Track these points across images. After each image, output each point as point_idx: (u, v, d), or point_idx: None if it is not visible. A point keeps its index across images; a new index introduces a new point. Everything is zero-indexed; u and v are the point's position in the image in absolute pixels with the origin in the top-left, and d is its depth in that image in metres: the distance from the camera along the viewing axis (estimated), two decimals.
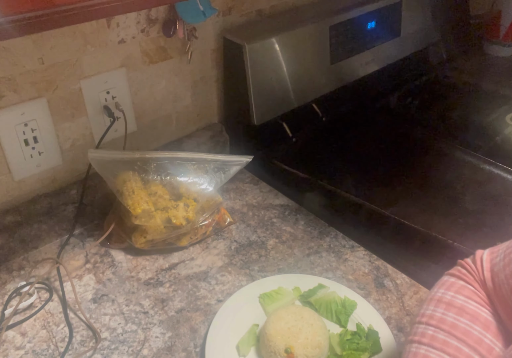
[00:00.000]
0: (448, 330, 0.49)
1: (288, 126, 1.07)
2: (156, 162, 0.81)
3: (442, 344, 0.49)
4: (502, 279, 0.49)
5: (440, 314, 0.51)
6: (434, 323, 0.50)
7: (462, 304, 0.51)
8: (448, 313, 0.50)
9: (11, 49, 0.71)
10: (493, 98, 1.26)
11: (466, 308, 0.50)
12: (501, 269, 0.50)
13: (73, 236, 0.87)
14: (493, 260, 0.52)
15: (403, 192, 0.94)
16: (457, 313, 0.50)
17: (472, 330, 0.49)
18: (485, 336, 0.49)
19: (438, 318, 0.50)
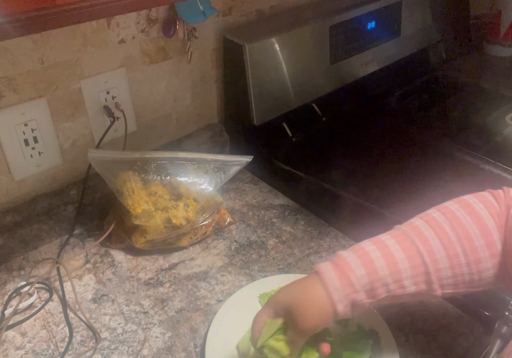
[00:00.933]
0: (450, 219, 0.53)
1: (288, 126, 1.07)
2: (156, 162, 0.81)
3: (436, 225, 0.53)
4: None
5: (454, 208, 0.55)
6: (443, 211, 0.55)
7: (478, 210, 0.54)
8: (460, 210, 0.54)
9: (11, 49, 0.71)
10: (493, 98, 1.26)
11: (478, 213, 0.53)
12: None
13: (73, 236, 0.87)
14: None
15: (403, 192, 0.94)
16: (467, 213, 0.54)
17: (470, 229, 0.52)
18: (478, 239, 0.52)
19: (449, 210, 0.55)
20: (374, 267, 0.52)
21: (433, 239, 0.52)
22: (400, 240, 0.54)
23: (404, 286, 0.52)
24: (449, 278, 0.52)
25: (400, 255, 0.52)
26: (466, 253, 0.52)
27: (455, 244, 0.52)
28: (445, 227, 0.53)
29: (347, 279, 0.51)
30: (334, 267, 0.53)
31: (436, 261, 0.52)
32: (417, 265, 0.52)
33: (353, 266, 0.52)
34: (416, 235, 0.53)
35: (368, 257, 0.53)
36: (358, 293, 0.52)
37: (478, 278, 0.53)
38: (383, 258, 0.52)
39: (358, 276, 0.51)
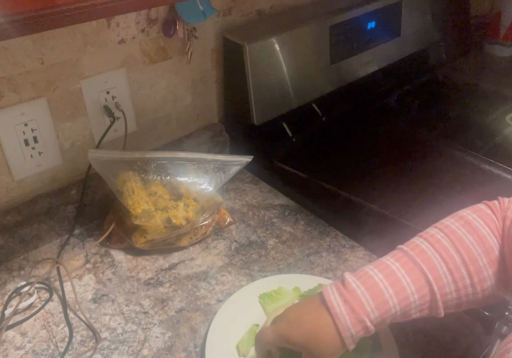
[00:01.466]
0: (453, 240, 0.53)
1: (288, 126, 1.07)
2: (156, 162, 0.81)
3: (441, 248, 0.53)
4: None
5: (455, 227, 0.55)
6: (446, 231, 0.55)
7: (478, 227, 0.54)
8: (462, 228, 0.54)
9: (11, 49, 0.71)
10: (493, 98, 1.26)
11: (479, 231, 0.54)
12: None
13: (73, 236, 0.87)
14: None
15: (403, 192, 0.94)
16: (469, 232, 0.54)
17: (473, 249, 0.53)
18: (481, 259, 0.52)
19: (451, 229, 0.55)
20: (384, 299, 0.52)
21: (440, 264, 0.53)
22: (409, 269, 0.53)
23: (410, 314, 0.54)
24: (454, 300, 0.53)
25: (409, 285, 0.52)
26: (471, 274, 0.52)
27: (460, 266, 0.52)
28: (450, 249, 0.53)
29: (358, 317, 0.51)
30: (344, 303, 0.52)
31: (442, 287, 0.53)
32: (425, 293, 0.53)
33: (363, 300, 0.52)
34: (423, 261, 0.53)
35: (378, 288, 0.52)
36: (368, 329, 0.52)
37: (481, 296, 0.53)
38: (391, 287, 0.52)
39: (368, 311, 0.52)
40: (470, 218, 0.55)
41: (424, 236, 0.56)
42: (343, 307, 0.52)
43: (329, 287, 0.55)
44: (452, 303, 0.54)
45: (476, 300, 0.54)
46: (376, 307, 0.51)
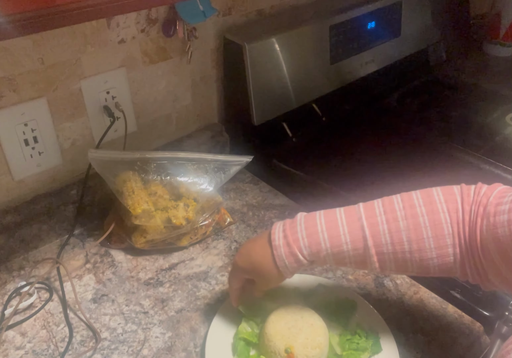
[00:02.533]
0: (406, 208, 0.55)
1: (288, 126, 1.07)
2: (156, 162, 0.81)
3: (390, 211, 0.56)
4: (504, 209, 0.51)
5: (415, 197, 0.57)
6: (405, 198, 0.57)
7: (436, 203, 0.55)
8: (420, 201, 0.56)
9: (11, 49, 0.71)
10: (493, 98, 1.26)
11: (435, 207, 0.55)
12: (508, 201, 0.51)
13: (73, 236, 0.87)
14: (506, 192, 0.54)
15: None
16: (425, 204, 0.55)
17: (421, 220, 0.54)
18: (427, 231, 0.54)
19: (409, 197, 0.57)
20: (317, 240, 0.58)
21: (382, 224, 0.56)
22: (350, 221, 0.57)
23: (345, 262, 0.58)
24: (391, 261, 0.56)
25: (344, 234, 0.57)
26: (411, 241, 0.54)
27: (402, 231, 0.55)
28: (398, 215, 0.55)
29: (291, 250, 0.58)
30: (283, 237, 0.59)
31: (379, 245, 0.55)
32: (358, 247, 0.56)
33: (299, 237, 0.58)
34: (367, 219, 0.57)
35: (315, 229, 0.58)
36: (301, 262, 0.59)
37: (419, 265, 0.55)
38: (327, 232, 0.57)
39: (301, 247, 0.58)
40: (434, 194, 0.56)
41: (384, 199, 0.59)
42: (281, 240, 0.59)
43: (278, 223, 0.62)
44: (390, 264, 0.56)
45: (414, 266, 0.56)
46: (309, 245, 0.57)
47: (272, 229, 0.62)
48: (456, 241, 0.53)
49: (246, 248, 0.64)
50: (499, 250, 0.50)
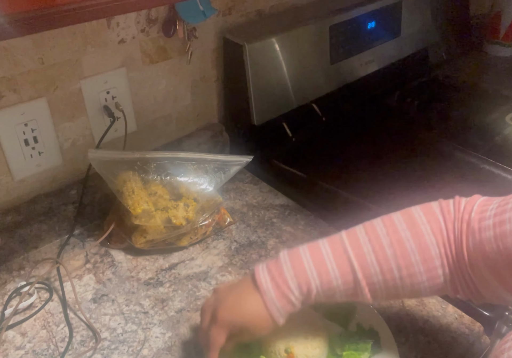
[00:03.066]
0: (390, 234, 0.54)
1: (288, 126, 1.07)
2: (156, 162, 0.81)
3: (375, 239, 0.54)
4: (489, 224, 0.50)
5: (397, 221, 0.55)
6: (387, 223, 0.55)
7: (420, 224, 0.54)
8: (403, 223, 0.55)
9: (11, 49, 0.71)
10: (493, 98, 1.26)
11: (419, 228, 0.54)
12: (491, 216, 0.50)
13: (73, 236, 0.87)
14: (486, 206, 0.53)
15: (403, 192, 0.94)
16: (408, 228, 0.54)
17: (407, 245, 0.53)
18: (415, 255, 0.53)
19: (392, 223, 0.55)
20: (307, 279, 0.55)
21: (369, 254, 0.54)
22: (337, 255, 0.55)
23: (335, 297, 0.56)
24: (383, 289, 0.54)
25: (333, 270, 0.54)
26: (400, 268, 0.53)
27: (390, 259, 0.53)
28: (383, 242, 0.54)
29: (282, 292, 0.55)
30: (271, 279, 0.55)
31: (369, 276, 0.54)
32: (348, 280, 0.54)
33: (288, 277, 0.55)
34: (353, 249, 0.55)
35: (302, 267, 0.55)
36: (293, 303, 0.56)
37: (410, 290, 0.54)
38: (315, 269, 0.55)
39: (292, 288, 0.55)
40: (416, 215, 0.55)
41: (366, 225, 0.57)
42: (269, 283, 0.55)
43: (260, 266, 0.58)
44: (381, 292, 0.55)
45: (405, 292, 0.55)
46: (299, 285, 0.54)
47: (255, 273, 0.57)
48: (445, 262, 0.53)
49: (228, 300, 0.58)
50: (489, 266, 0.50)
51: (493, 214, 0.50)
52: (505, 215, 0.49)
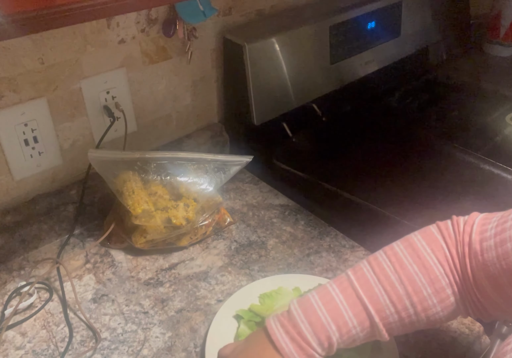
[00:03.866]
0: (398, 270, 0.53)
1: (288, 126, 1.07)
2: (156, 162, 0.81)
3: (385, 279, 0.53)
4: (491, 245, 0.50)
5: (402, 255, 0.54)
6: (393, 259, 0.54)
7: (425, 257, 0.53)
8: (408, 258, 0.54)
9: (11, 49, 0.71)
10: (493, 98, 1.26)
11: (426, 261, 0.53)
12: (491, 236, 0.50)
13: (73, 236, 0.87)
14: (486, 225, 0.52)
15: (403, 192, 0.94)
16: (415, 261, 0.53)
17: (417, 279, 0.52)
18: (426, 289, 0.52)
19: (398, 257, 0.54)
20: (328, 335, 0.52)
21: (383, 296, 0.53)
22: (352, 303, 0.53)
23: (355, 343, 0.55)
24: (398, 327, 0.54)
25: (351, 319, 0.53)
26: (414, 304, 0.52)
27: (404, 297, 0.52)
28: (394, 280, 0.53)
29: (307, 352, 0.52)
30: (291, 341, 0.52)
31: (385, 317, 0.53)
32: (366, 326, 0.53)
33: (309, 337, 0.52)
34: (365, 293, 0.53)
35: (321, 323, 0.53)
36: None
37: (428, 321, 0.54)
38: (334, 323, 0.53)
39: (315, 347, 0.52)
40: (419, 245, 0.54)
41: (372, 263, 0.55)
42: (291, 345, 0.52)
43: (274, 324, 0.54)
44: (398, 329, 0.54)
45: (422, 324, 0.54)
46: (320, 343, 0.52)
47: (271, 333, 0.53)
48: (455, 288, 0.52)
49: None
50: (494, 286, 0.50)
51: (493, 233, 0.50)
52: (505, 234, 0.49)
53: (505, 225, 0.50)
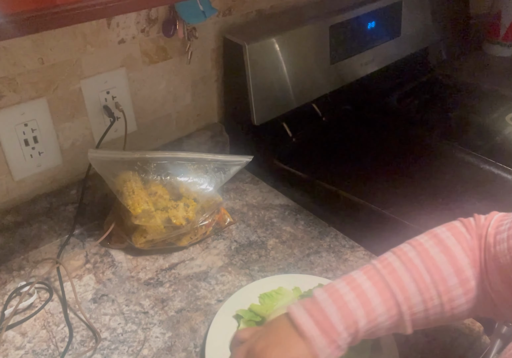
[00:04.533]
0: (425, 259, 0.53)
1: (288, 126, 1.07)
2: (156, 162, 0.81)
3: (412, 267, 0.53)
4: (504, 237, 0.50)
5: (428, 245, 0.54)
6: (419, 249, 0.54)
7: (451, 246, 0.54)
8: (435, 247, 0.54)
9: (11, 49, 0.71)
10: (493, 98, 1.26)
11: (451, 250, 0.53)
12: (505, 229, 0.51)
13: (73, 236, 0.87)
14: (503, 220, 0.53)
15: (403, 192, 0.94)
16: (441, 251, 0.53)
17: (443, 268, 0.52)
18: (452, 279, 0.52)
19: (424, 248, 0.54)
20: (355, 319, 0.51)
21: (410, 284, 0.52)
22: (380, 290, 0.52)
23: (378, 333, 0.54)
24: (423, 318, 0.53)
25: (379, 305, 0.52)
26: (441, 294, 0.52)
27: (430, 286, 0.52)
28: (421, 269, 0.53)
29: (331, 337, 0.51)
30: (316, 323, 0.51)
31: (412, 306, 0.52)
32: (393, 314, 0.52)
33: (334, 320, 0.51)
34: (394, 281, 0.52)
35: (348, 308, 0.51)
36: (341, 348, 0.52)
37: (450, 315, 0.53)
38: (363, 308, 0.51)
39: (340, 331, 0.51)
40: (444, 236, 0.55)
41: (397, 252, 0.55)
42: (315, 328, 0.50)
43: (296, 308, 0.53)
44: (422, 322, 0.53)
45: (444, 318, 0.54)
46: (346, 327, 0.51)
47: (294, 317, 0.51)
48: (478, 282, 0.52)
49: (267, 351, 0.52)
50: (504, 279, 0.50)
51: (508, 227, 0.51)
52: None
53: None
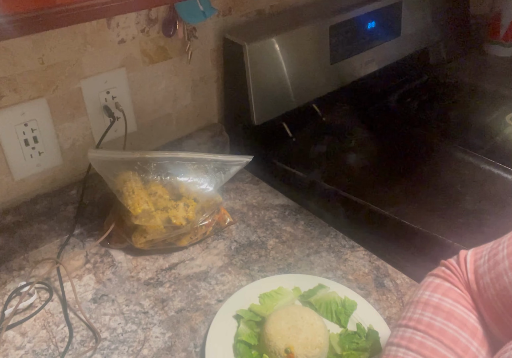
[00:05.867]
0: (437, 336, 0.48)
1: (288, 126, 1.07)
2: (156, 162, 0.81)
3: (431, 352, 0.47)
4: (487, 282, 0.48)
5: (428, 318, 0.49)
6: (422, 328, 0.49)
7: (450, 308, 0.49)
8: (436, 317, 0.49)
9: (11, 49, 0.71)
10: (493, 98, 1.26)
11: (455, 313, 0.49)
12: (485, 272, 0.49)
13: (73, 236, 0.87)
14: (477, 261, 0.51)
15: (403, 192, 0.94)
16: (445, 318, 0.49)
17: (460, 337, 0.48)
18: (472, 344, 0.48)
19: (426, 323, 0.49)
20: None
21: None
22: None
23: None
24: None
25: None
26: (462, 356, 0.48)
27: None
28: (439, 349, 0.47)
29: None
30: None
31: None
32: None
33: None
34: None
35: None
36: None
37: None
38: None
39: None
40: (436, 300, 0.50)
41: (402, 343, 0.49)
42: None
43: None
44: None
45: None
46: None
47: None
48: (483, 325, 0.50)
49: None
50: (490, 314, 0.48)
51: (487, 269, 0.49)
52: (499, 267, 0.47)
53: (496, 258, 0.48)
